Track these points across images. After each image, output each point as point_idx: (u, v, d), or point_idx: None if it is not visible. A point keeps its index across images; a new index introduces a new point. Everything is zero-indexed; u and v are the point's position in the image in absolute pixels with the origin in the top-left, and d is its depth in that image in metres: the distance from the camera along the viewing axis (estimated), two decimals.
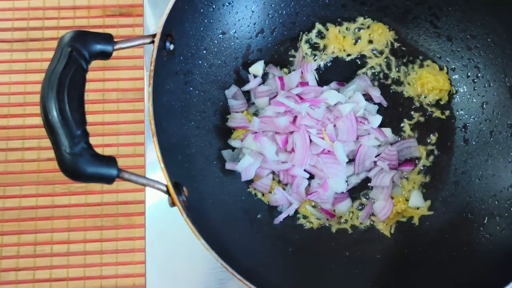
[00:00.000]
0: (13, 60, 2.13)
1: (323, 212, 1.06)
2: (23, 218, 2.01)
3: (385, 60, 1.14)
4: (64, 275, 1.97)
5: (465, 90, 1.10)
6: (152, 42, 0.87)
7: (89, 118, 0.77)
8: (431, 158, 1.10)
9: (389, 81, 1.13)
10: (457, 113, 1.11)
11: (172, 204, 0.83)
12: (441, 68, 1.12)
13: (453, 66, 1.11)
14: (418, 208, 1.06)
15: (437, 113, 1.11)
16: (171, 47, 0.92)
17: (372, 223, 1.07)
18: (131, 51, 2.02)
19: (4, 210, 2.02)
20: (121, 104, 2.08)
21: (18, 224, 2.01)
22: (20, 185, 2.04)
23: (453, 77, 1.11)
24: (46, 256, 1.99)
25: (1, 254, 1.99)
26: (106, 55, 0.82)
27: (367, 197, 1.08)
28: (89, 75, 0.80)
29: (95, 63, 0.82)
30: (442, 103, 1.12)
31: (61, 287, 1.96)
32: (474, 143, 1.08)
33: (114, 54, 0.83)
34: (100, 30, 2.07)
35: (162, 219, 1.08)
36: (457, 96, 1.11)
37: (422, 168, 1.09)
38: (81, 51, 0.78)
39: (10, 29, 2.16)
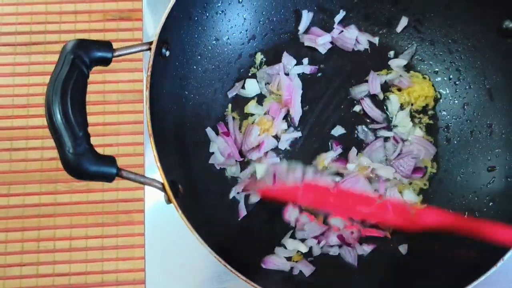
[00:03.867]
0: (17, 63, 2.15)
1: None
2: (27, 215, 2.03)
3: None
4: (67, 270, 1.99)
5: (447, 92, 1.14)
6: (149, 49, 0.91)
7: (90, 119, 0.81)
8: None
9: None
10: (440, 113, 1.14)
11: (168, 201, 0.87)
12: (423, 76, 1.16)
13: (436, 69, 1.15)
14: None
15: (425, 119, 1.14)
16: (167, 53, 0.96)
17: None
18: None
19: (8, 208, 2.03)
20: (121, 105, 2.10)
21: (22, 221, 2.02)
22: (24, 184, 2.05)
23: (436, 79, 1.15)
24: (49, 252, 2.00)
25: (6, 250, 2.00)
26: (106, 62, 0.87)
27: None
28: (90, 78, 0.84)
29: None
30: (429, 108, 1.15)
31: (64, 281, 1.98)
32: (455, 142, 1.11)
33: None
34: (101, 34, 2.11)
35: (161, 216, 1.10)
36: (440, 98, 1.14)
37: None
38: (82, 58, 0.83)
39: (13, 33, 2.17)
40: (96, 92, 2.10)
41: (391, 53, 1.18)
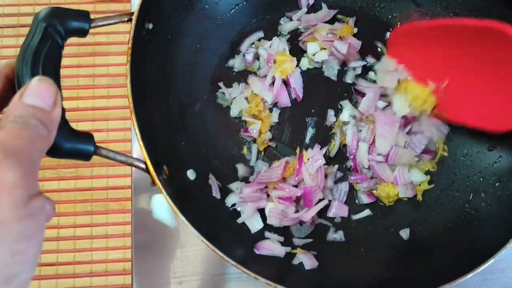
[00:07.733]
0: (4, 45, 2.13)
1: None
2: None
3: None
4: (54, 260, 1.97)
5: None
6: (130, 20, 0.87)
7: (79, 103, 0.77)
8: None
9: None
10: None
11: (152, 183, 0.83)
12: None
13: None
14: (420, 184, 1.06)
15: None
16: (150, 26, 0.91)
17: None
18: (122, 37, 2.01)
19: None
20: (111, 90, 2.05)
21: None
22: None
23: None
24: None
25: None
26: (82, 32, 0.81)
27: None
28: (79, 61, 0.79)
29: (84, 49, 0.82)
30: None
31: (51, 271, 1.96)
32: None
33: (104, 40, 0.83)
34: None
35: (150, 203, 1.08)
36: None
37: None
38: (56, 27, 0.77)
39: (0, 15, 2.15)
40: (85, 76, 2.06)
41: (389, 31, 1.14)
